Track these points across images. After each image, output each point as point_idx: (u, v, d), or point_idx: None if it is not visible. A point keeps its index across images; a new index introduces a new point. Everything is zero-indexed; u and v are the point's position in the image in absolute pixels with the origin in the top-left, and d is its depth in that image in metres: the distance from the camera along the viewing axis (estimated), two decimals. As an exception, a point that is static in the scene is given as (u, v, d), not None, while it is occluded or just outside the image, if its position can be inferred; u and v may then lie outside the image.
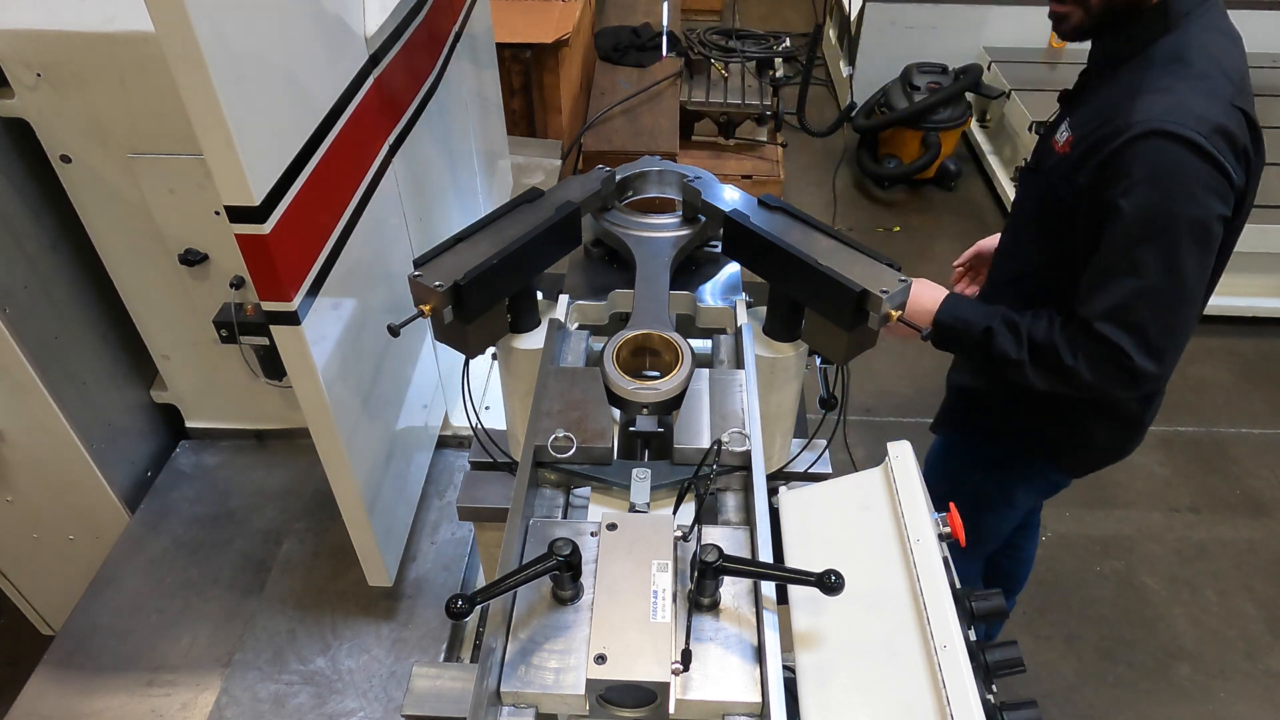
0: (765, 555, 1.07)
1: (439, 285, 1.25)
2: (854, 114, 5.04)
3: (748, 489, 1.19)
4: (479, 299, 1.30)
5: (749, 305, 1.49)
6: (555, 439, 1.21)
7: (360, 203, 1.55)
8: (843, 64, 5.62)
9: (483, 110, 2.55)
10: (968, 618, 1.08)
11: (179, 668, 1.80)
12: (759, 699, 0.96)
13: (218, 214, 1.76)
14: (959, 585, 1.12)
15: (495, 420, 1.67)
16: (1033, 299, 1.61)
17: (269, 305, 1.31)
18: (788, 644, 1.03)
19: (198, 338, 2.02)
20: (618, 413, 1.32)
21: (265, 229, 1.21)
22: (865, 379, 3.71)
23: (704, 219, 1.56)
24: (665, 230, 1.56)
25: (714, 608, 1.04)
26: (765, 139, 4.82)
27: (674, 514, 1.19)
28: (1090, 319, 1.46)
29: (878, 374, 3.75)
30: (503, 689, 0.97)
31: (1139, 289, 1.42)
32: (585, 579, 1.05)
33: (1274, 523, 3.22)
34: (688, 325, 1.52)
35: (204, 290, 1.90)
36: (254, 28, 1.17)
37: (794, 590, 1.09)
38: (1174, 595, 2.97)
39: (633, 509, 1.19)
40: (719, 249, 1.61)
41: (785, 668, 0.98)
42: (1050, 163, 1.58)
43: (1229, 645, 2.83)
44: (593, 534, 1.10)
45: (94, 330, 2.01)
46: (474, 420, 1.51)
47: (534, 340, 1.42)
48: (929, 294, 1.67)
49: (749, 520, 1.17)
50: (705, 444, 1.21)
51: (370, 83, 1.55)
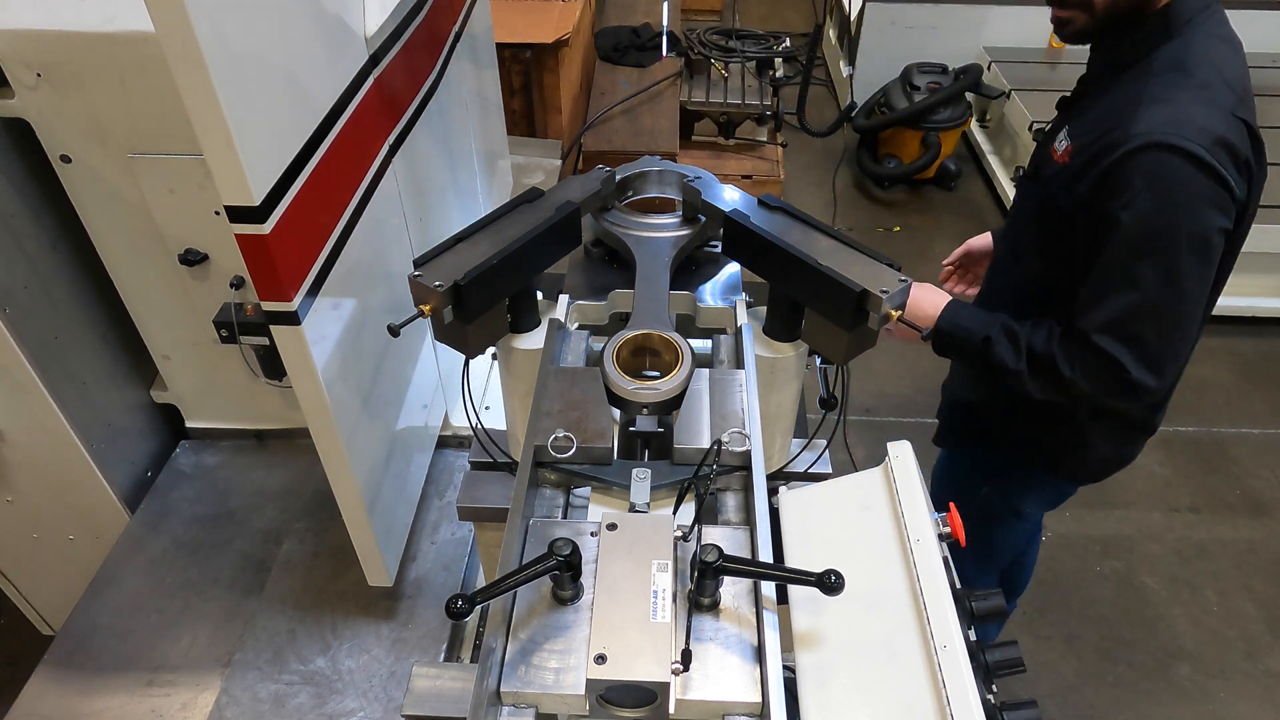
0: (765, 555, 1.07)
1: (439, 285, 1.25)
2: (854, 114, 5.04)
3: (748, 489, 1.19)
4: (479, 299, 1.30)
5: (749, 305, 1.49)
6: (555, 439, 1.21)
7: (360, 203, 1.55)
8: (843, 64, 5.62)
9: (483, 110, 2.55)
10: (968, 618, 1.08)
11: (179, 668, 1.80)
12: (759, 699, 0.96)
13: (218, 214, 1.76)
14: (959, 585, 1.12)
15: (495, 420, 1.67)
16: (1031, 307, 1.60)
17: (269, 305, 1.31)
18: (788, 644, 1.03)
19: (198, 338, 2.02)
20: (618, 413, 1.32)
21: (265, 229, 1.21)
22: (865, 379, 3.71)
23: (704, 219, 1.56)
24: (665, 230, 1.56)
25: (714, 608, 1.04)
26: (765, 139, 4.82)
27: (674, 514, 1.19)
28: (1089, 331, 1.45)
29: (878, 374, 3.75)
30: (503, 689, 0.97)
31: (1138, 302, 1.40)
32: (585, 579, 1.05)
33: (1274, 523, 3.22)
34: (688, 325, 1.52)
35: (204, 290, 1.90)
36: (254, 28, 1.17)
37: (794, 590, 1.09)
38: (1174, 595, 2.97)
39: (633, 509, 1.19)
40: (719, 249, 1.61)
41: (785, 668, 0.98)
42: (1049, 172, 1.57)
43: (1229, 645, 2.83)
44: (593, 534, 1.10)
45: (94, 330, 2.01)
46: (474, 420, 1.51)
47: (534, 340, 1.42)
48: (931, 300, 1.66)
49: (749, 520, 1.17)
50: (705, 444, 1.21)
51: (370, 83, 1.55)
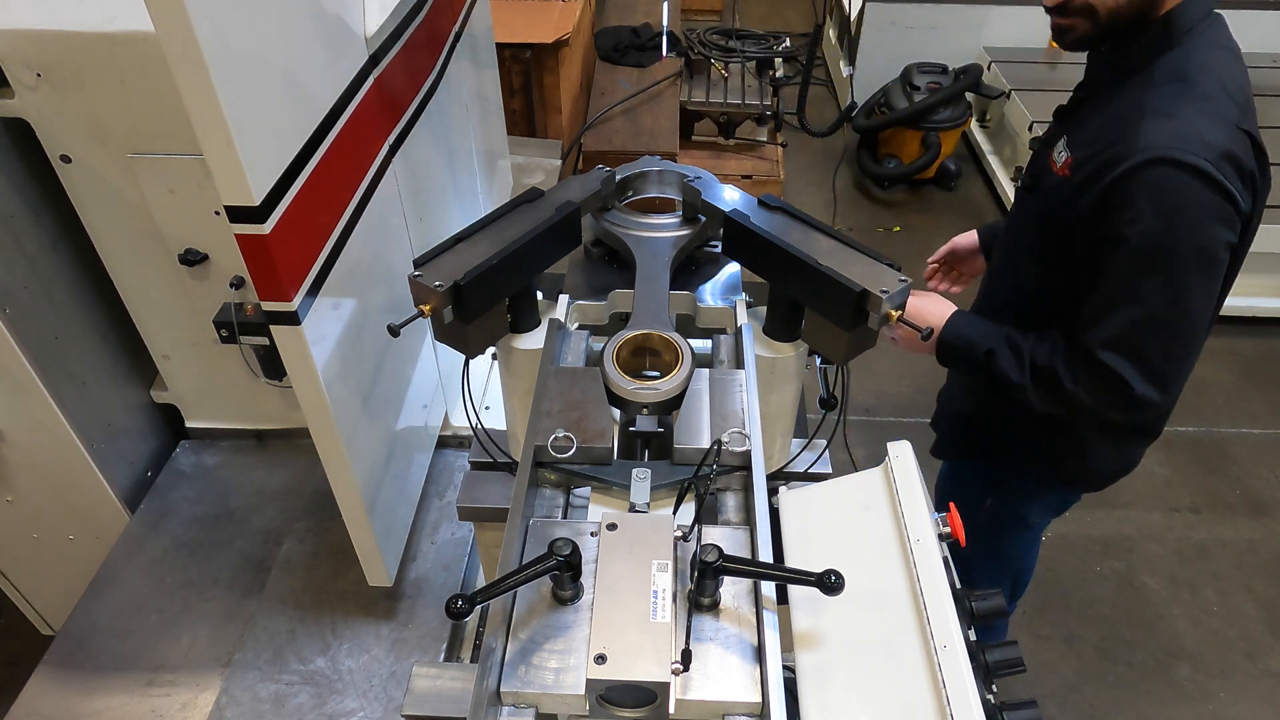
0: (765, 555, 1.07)
1: (439, 285, 1.25)
2: (854, 114, 5.04)
3: (748, 489, 1.19)
4: (479, 299, 1.30)
5: (749, 305, 1.49)
6: (555, 439, 1.21)
7: (360, 203, 1.55)
8: (843, 64, 5.62)
9: (483, 110, 2.55)
10: (968, 618, 1.08)
11: (179, 668, 1.80)
12: (759, 699, 0.96)
13: (218, 214, 1.76)
14: (959, 585, 1.12)
15: (495, 420, 1.67)
16: (1029, 317, 1.59)
17: (269, 305, 1.31)
18: (788, 644, 1.03)
19: (198, 338, 2.02)
20: (618, 413, 1.32)
21: (265, 229, 1.21)
22: (865, 379, 3.71)
23: (704, 219, 1.56)
24: (665, 230, 1.56)
25: (714, 608, 1.04)
26: (765, 139, 4.82)
27: (674, 514, 1.19)
28: (1093, 347, 1.44)
29: (878, 374, 3.75)
30: (503, 689, 0.97)
31: (1142, 318, 1.39)
32: (585, 579, 1.05)
33: (1274, 523, 3.22)
34: (688, 325, 1.52)
35: (204, 290, 1.90)
36: (254, 28, 1.17)
37: (794, 590, 1.09)
38: (1174, 595, 2.97)
39: (633, 509, 1.19)
40: (719, 249, 1.61)
41: (785, 668, 0.98)
42: (1049, 184, 1.55)
43: (1229, 645, 2.82)
44: (593, 534, 1.10)
45: (94, 330, 2.01)
46: (474, 420, 1.51)
47: (534, 340, 1.42)
48: (934, 310, 1.65)
49: (749, 520, 1.17)
50: (705, 444, 1.21)
51: (370, 83, 1.55)
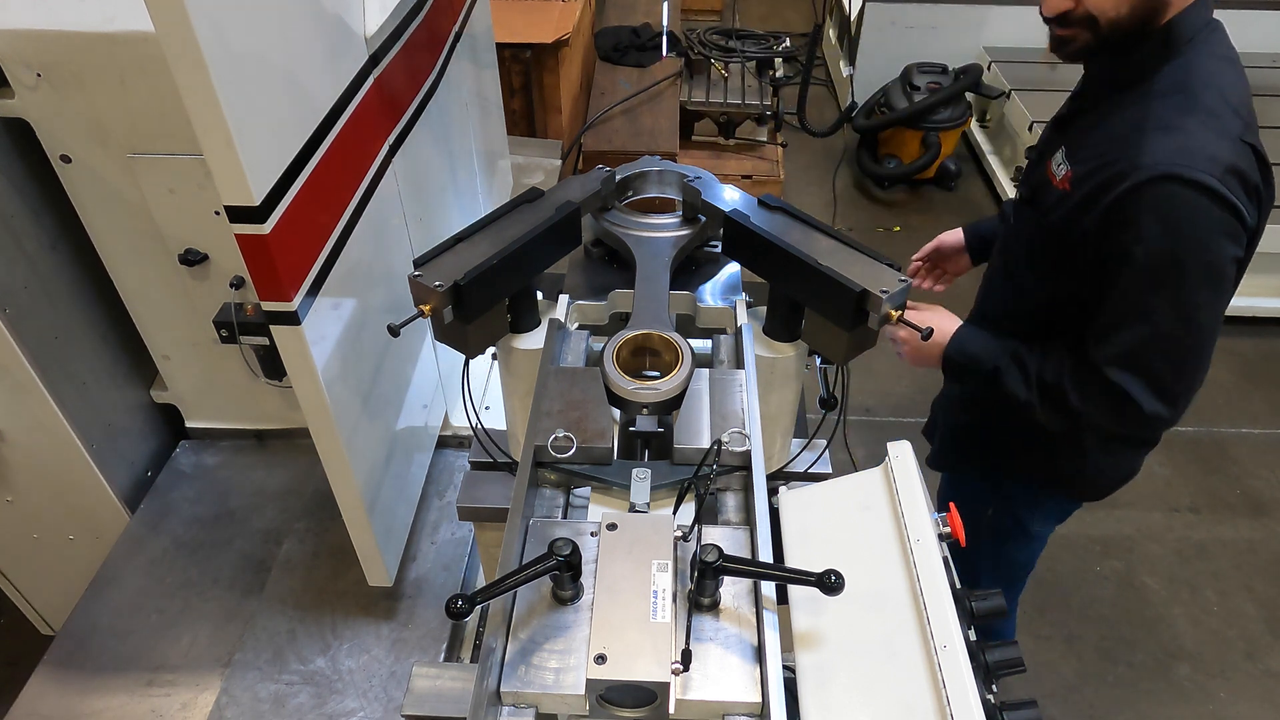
0: (765, 555, 1.07)
1: (439, 285, 1.25)
2: (854, 114, 5.04)
3: (748, 489, 1.19)
4: (479, 299, 1.30)
5: (749, 305, 1.49)
6: (555, 439, 1.21)
7: (360, 203, 1.55)
8: (843, 64, 5.62)
9: (483, 110, 2.55)
10: (968, 618, 1.08)
11: (179, 668, 1.80)
12: (759, 699, 0.96)
13: (218, 214, 1.76)
14: (959, 585, 1.12)
15: (495, 420, 1.67)
16: (1028, 330, 1.59)
17: (269, 305, 1.31)
18: (788, 644, 1.03)
19: (198, 338, 2.02)
20: (618, 413, 1.32)
21: (265, 229, 1.21)
22: (865, 379, 3.71)
23: (704, 219, 1.56)
24: (665, 230, 1.56)
25: (714, 608, 1.04)
26: (765, 139, 4.82)
27: (674, 514, 1.19)
28: (1100, 364, 1.43)
29: (878, 374, 3.75)
30: (503, 689, 0.97)
31: (1151, 335, 1.38)
32: (585, 579, 1.05)
33: (1274, 523, 3.22)
34: (688, 325, 1.52)
35: (204, 290, 1.90)
36: (254, 28, 1.17)
37: (794, 590, 1.09)
38: (1174, 595, 2.97)
39: (633, 509, 1.19)
40: (719, 249, 1.61)
41: (785, 668, 0.98)
42: (1049, 200, 1.52)
43: (1229, 645, 2.82)
44: (593, 534, 1.10)
45: (94, 330, 2.01)
46: (474, 420, 1.51)
47: (534, 340, 1.42)
48: (939, 324, 1.63)
49: (749, 520, 1.17)
50: (705, 444, 1.21)
51: (370, 83, 1.55)
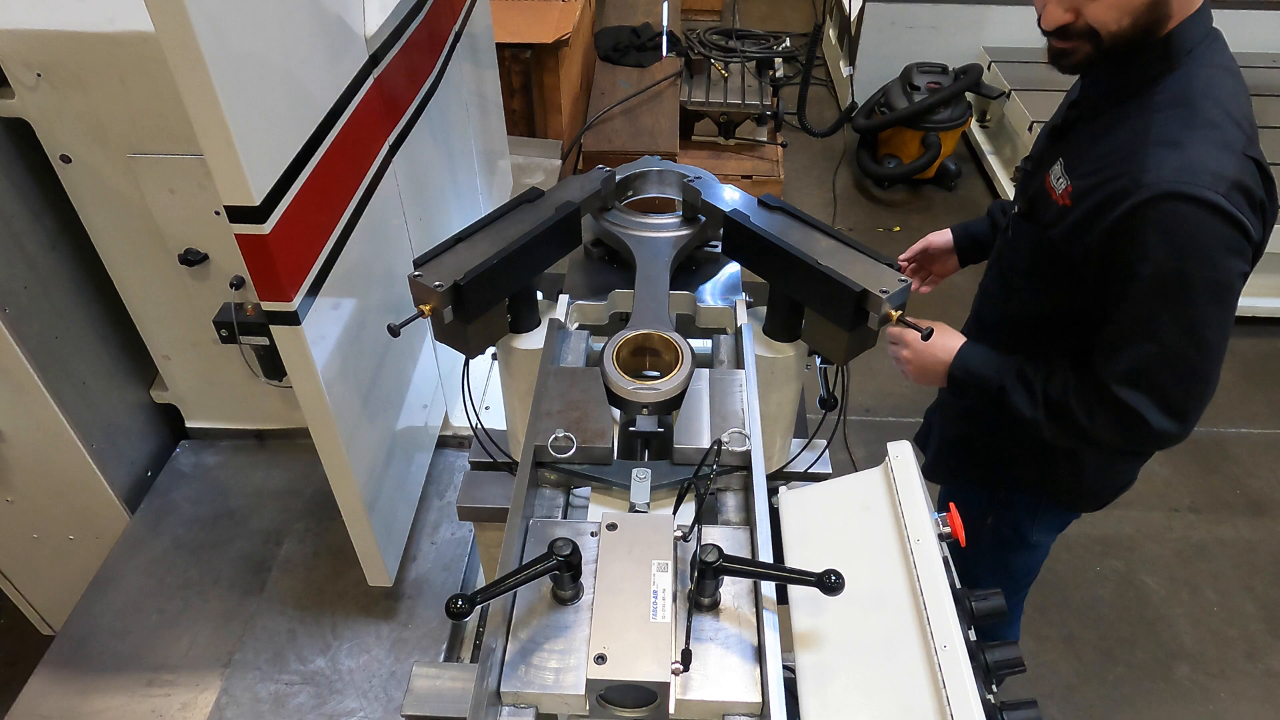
0: (765, 555, 1.07)
1: (439, 285, 1.25)
2: (854, 114, 5.04)
3: (748, 489, 1.19)
4: (479, 299, 1.30)
5: (749, 305, 1.49)
6: (555, 439, 1.21)
7: (360, 203, 1.55)
8: (843, 64, 5.62)
9: (483, 110, 2.55)
10: (968, 618, 1.08)
11: (179, 668, 1.80)
12: (759, 699, 0.96)
13: (218, 214, 1.76)
14: (959, 585, 1.12)
15: (495, 420, 1.67)
16: (1026, 341, 1.58)
17: (269, 305, 1.31)
18: (788, 644, 1.03)
19: (198, 338, 2.02)
20: (618, 413, 1.32)
21: (265, 229, 1.21)
22: (865, 379, 3.71)
23: (704, 219, 1.56)
24: (665, 230, 1.56)
25: (714, 608, 1.04)
26: (765, 139, 4.82)
27: (674, 514, 1.19)
28: (1108, 382, 1.41)
29: (878, 374, 3.75)
30: (503, 689, 0.97)
31: (1159, 354, 1.37)
32: (585, 579, 1.05)
33: (1274, 523, 3.22)
34: (688, 325, 1.52)
35: (204, 290, 1.90)
36: (254, 28, 1.17)
37: (794, 590, 1.09)
38: (1174, 595, 2.97)
39: (633, 509, 1.19)
40: (719, 249, 1.61)
41: (785, 668, 0.98)
42: (1048, 215, 1.50)
43: (1229, 645, 2.82)
44: (593, 534, 1.10)
45: (94, 330, 2.01)
46: (474, 420, 1.51)
47: (534, 340, 1.42)
48: (942, 343, 1.62)
49: (749, 520, 1.17)
50: (705, 444, 1.21)
51: (370, 83, 1.55)
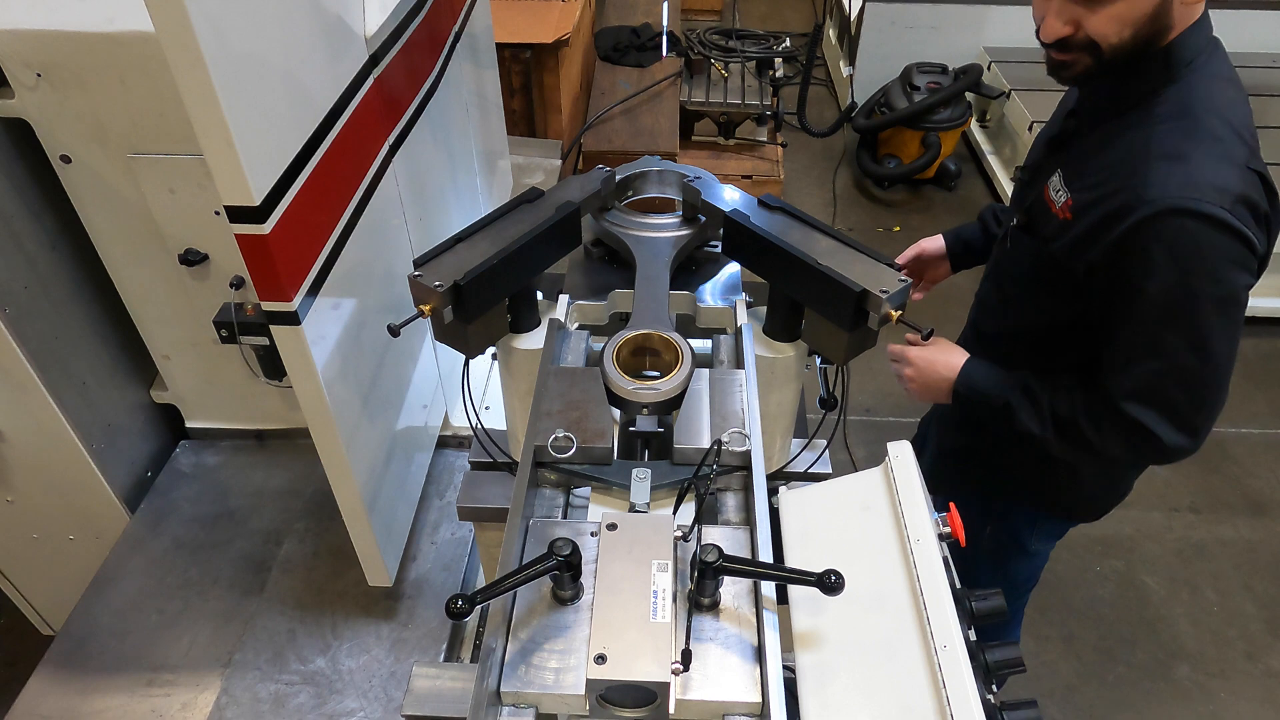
0: (765, 555, 1.07)
1: (439, 285, 1.25)
2: (854, 114, 5.04)
3: (748, 489, 1.19)
4: (479, 299, 1.30)
5: (749, 305, 1.49)
6: (555, 439, 1.21)
7: (360, 203, 1.55)
8: (843, 64, 5.62)
9: (483, 110, 2.55)
10: (968, 618, 1.08)
11: (179, 668, 1.80)
12: (759, 699, 0.96)
13: (218, 214, 1.76)
14: (959, 585, 1.12)
15: (495, 420, 1.67)
16: (1025, 353, 1.58)
17: (269, 305, 1.31)
18: (788, 644, 1.03)
19: (198, 338, 2.02)
20: (618, 413, 1.32)
21: (265, 229, 1.20)
22: (865, 379, 3.71)
23: (704, 219, 1.56)
24: (665, 230, 1.56)
25: (714, 608, 1.04)
26: (765, 139, 4.82)
27: (674, 514, 1.19)
28: (1118, 399, 1.41)
29: (878, 374, 3.75)
30: (503, 689, 0.97)
31: (1167, 369, 1.36)
32: (585, 579, 1.05)
33: (1274, 523, 3.22)
34: (688, 325, 1.52)
35: (204, 290, 1.90)
36: (254, 28, 1.17)
37: (794, 590, 1.09)
38: (1174, 595, 2.97)
39: (633, 509, 1.19)
40: (719, 249, 1.61)
41: (785, 668, 0.98)
42: (1048, 229, 1.49)
43: (1229, 645, 2.83)
44: (593, 534, 1.10)
45: (94, 330, 2.01)
46: (474, 420, 1.51)
47: (534, 340, 1.42)
48: (945, 360, 1.61)
49: (749, 520, 1.17)
50: (705, 444, 1.21)
51: (370, 83, 1.55)
